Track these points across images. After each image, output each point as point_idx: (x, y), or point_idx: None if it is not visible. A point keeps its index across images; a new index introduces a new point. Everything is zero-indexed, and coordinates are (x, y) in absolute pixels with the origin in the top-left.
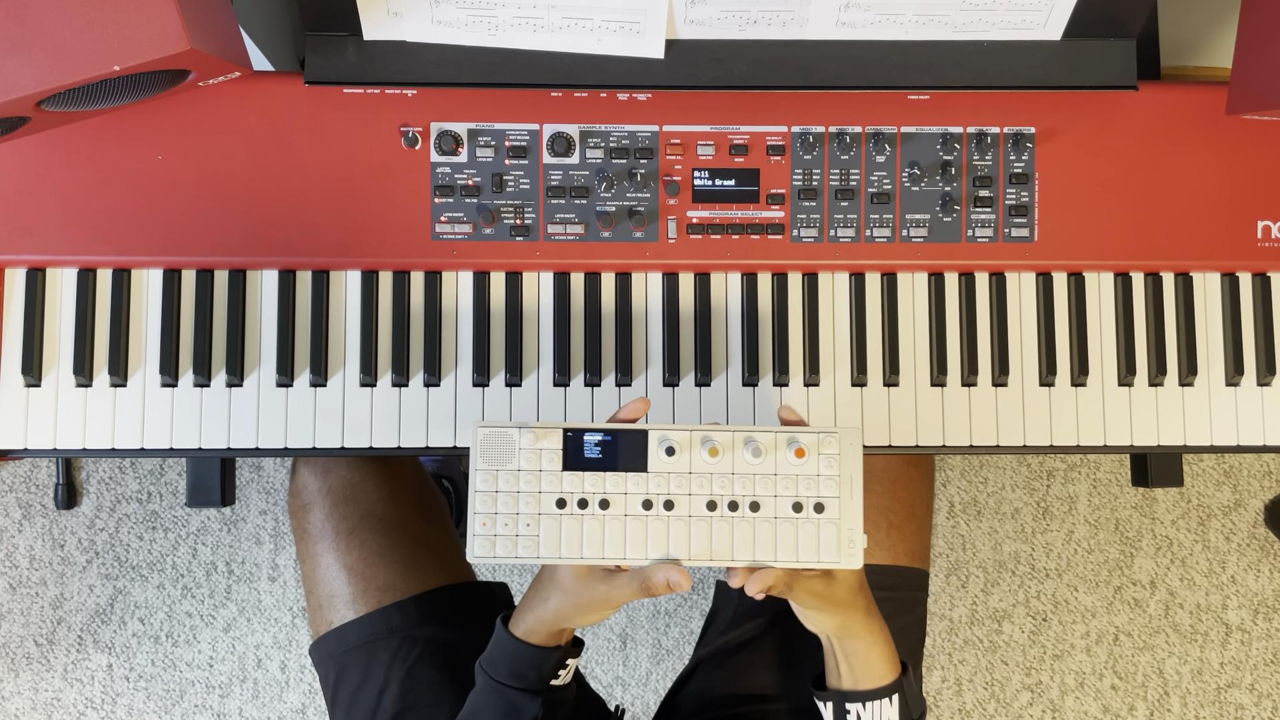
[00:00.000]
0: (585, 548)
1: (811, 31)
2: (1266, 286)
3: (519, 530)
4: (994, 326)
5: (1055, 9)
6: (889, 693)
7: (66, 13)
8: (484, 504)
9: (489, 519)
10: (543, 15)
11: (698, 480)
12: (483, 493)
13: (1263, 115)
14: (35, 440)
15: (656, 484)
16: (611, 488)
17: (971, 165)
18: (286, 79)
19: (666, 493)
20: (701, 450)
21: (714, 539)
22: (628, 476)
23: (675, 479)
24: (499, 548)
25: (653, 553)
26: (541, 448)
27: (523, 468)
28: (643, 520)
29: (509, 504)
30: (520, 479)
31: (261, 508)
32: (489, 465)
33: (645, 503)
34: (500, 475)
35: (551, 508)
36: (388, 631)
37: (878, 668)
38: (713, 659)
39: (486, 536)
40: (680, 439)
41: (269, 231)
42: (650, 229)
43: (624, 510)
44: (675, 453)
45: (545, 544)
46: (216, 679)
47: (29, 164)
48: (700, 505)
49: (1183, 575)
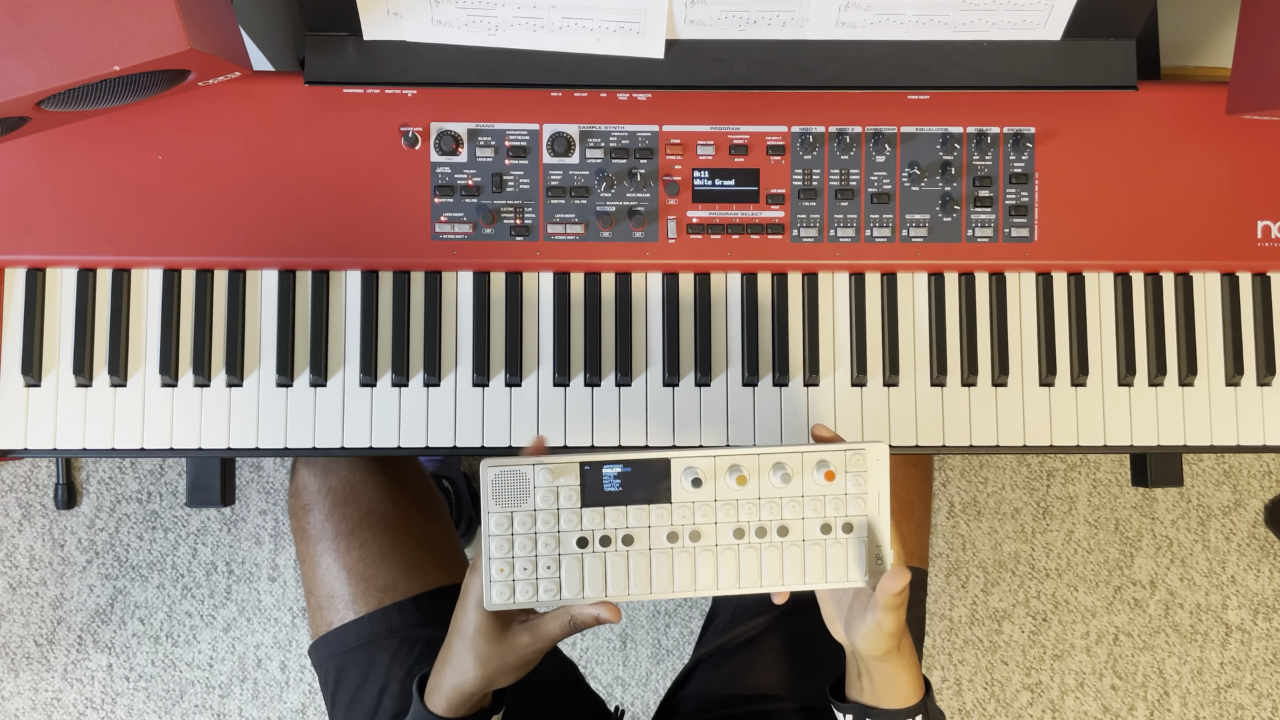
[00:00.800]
0: (610, 586)
1: (811, 31)
2: (1266, 286)
3: (539, 573)
4: (994, 326)
5: (1055, 9)
6: (913, 714)
7: (66, 13)
8: (499, 549)
9: (506, 564)
10: (543, 15)
11: (724, 508)
12: (497, 536)
13: (1263, 115)
14: (35, 440)
15: (681, 515)
16: (634, 522)
17: (971, 165)
18: (286, 79)
19: (692, 523)
20: (728, 478)
21: (742, 568)
22: (650, 509)
23: (701, 508)
24: (519, 593)
25: (680, 587)
26: (558, 485)
27: (539, 507)
28: (668, 553)
29: (526, 546)
30: (538, 519)
31: (261, 508)
32: (503, 507)
33: (670, 535)
34: (516, 516)
35: (572, 547)
36: (388, 632)
37: (904, 689)
38: (713, 658)
39: (505, 582)
40: (705, 467)
41: (269, 231)
42: (650, 229)
43: (648, 544)
44: (701, 483)
45: (567, 586)
46: (216, 679)
47: (29, 164)
48: (727, 534)
49: (1183, 575)
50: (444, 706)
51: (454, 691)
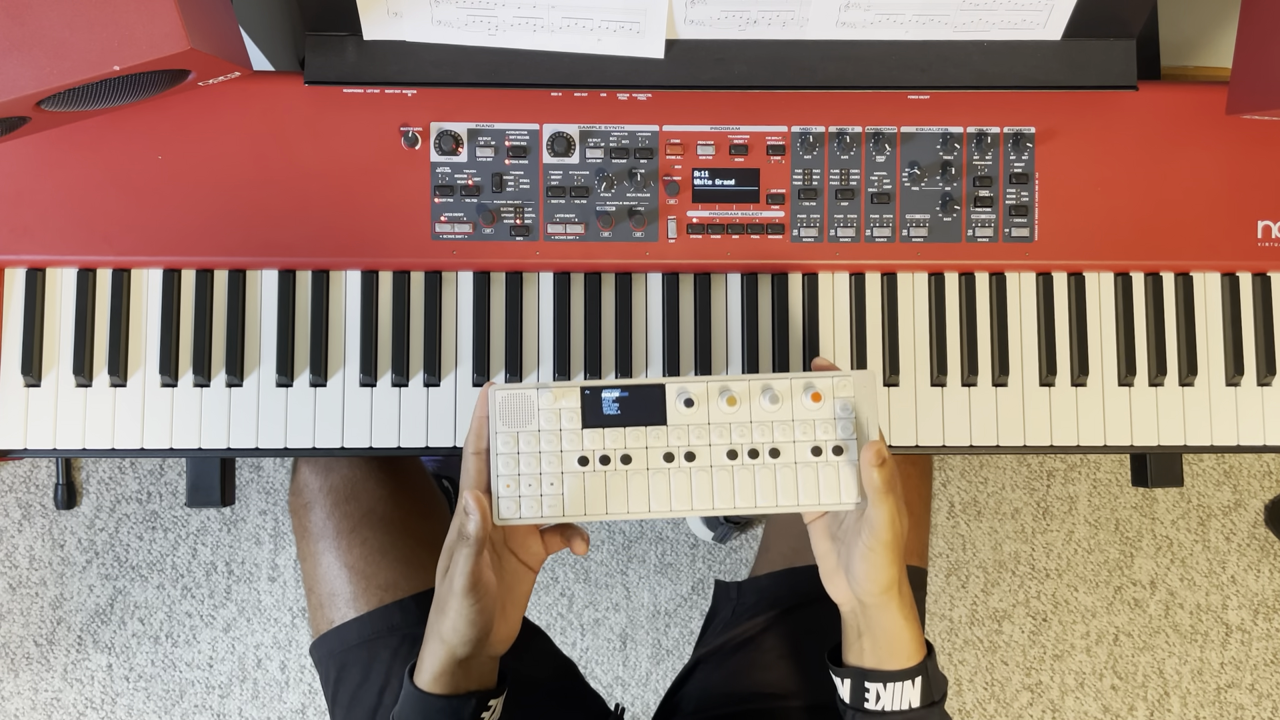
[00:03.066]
0: (610, 503)
1: (811, 31)
2: (1266, 286)
3: (543, 490)
4: (994, 326)
5: (1055, 9)
6: (913, 675)
7: (66, 13)
8: (506, 465)
9: (513, 480)
10: (543, 15)
11: (717, 430)
12: (505, 454)
13: (1263, 115)
14: (35, 440)
15: (676, 436)
16: (632, 443)
17: (971, 165)
18: (286, 79)
19: (687, 444)
20: (720, 400)
21: (736, 488)
22: (648, 430)
23: (695, 430)
24: (524, 508)
25: (677, 505)
26: (560, 407)
27: (543, 428)
28: (665, 473)
29: (531, 464)
30: (541, 439)
31: (261, 508)
32: (509, 427)
33: (667, 455)
34: (521, 436)
35: (574, 466)
36: (389, 630)
37: (905, 648)
38: (713, 658)
39: (511, 498)
40: (698, 390)
41: (269, 231)
42: (650, 229)
43: (646, 464)
44: (694, 404)
45: (570, 502)
46: (216, 679)
47: (29, 164)
48: (721, 455)
49: (1183, 575)
50: (428, 680)
51: (431, 660)
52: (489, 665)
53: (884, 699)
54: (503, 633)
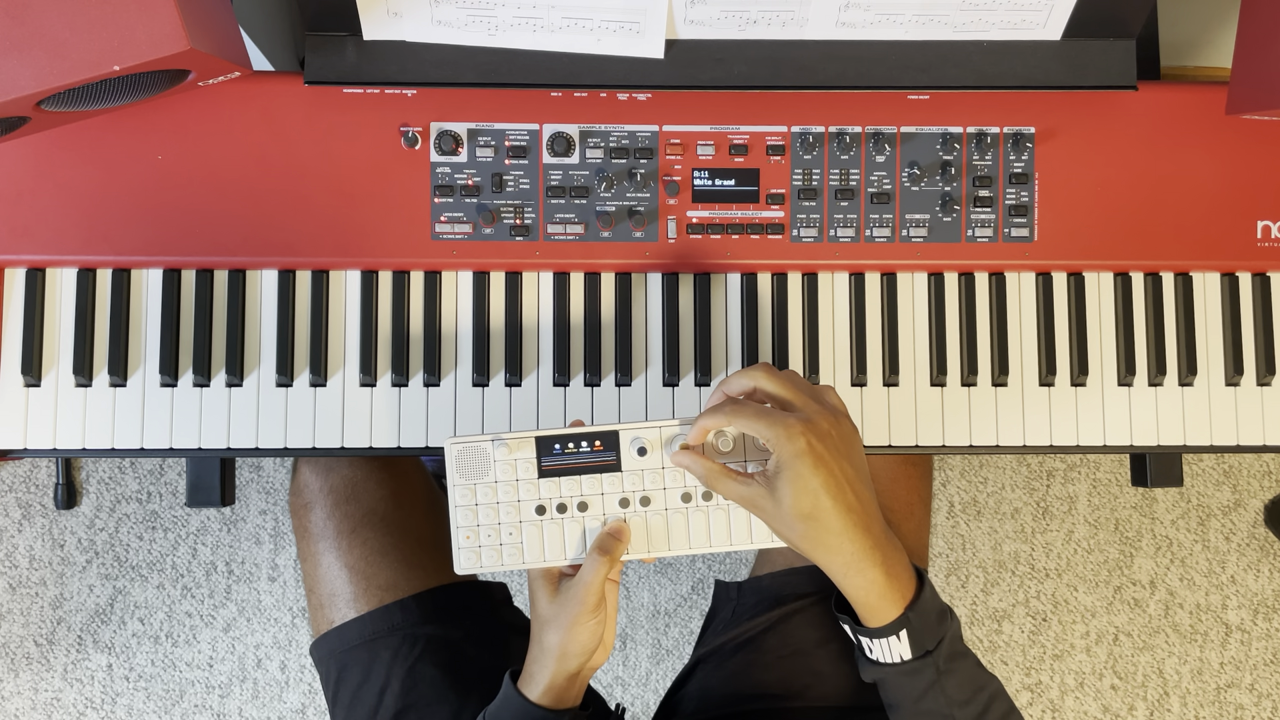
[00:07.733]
0: (568, 550)
1: (811, 31)
2: (1266, 286)
3: (502, 539)
4: (994, 326)
5: (1055, 9)
6: (894, 630)
7: (66, 13)
8: (465, 518)
9: (472, 532)
10: (542, 15)
11: (670, 475)
12: (462, 506)
13: (1263, 115)
14: (35, 440)
15: (631, 482)
16: (588, 490)
17: (971, 165)
18: (286, 79)
19: (642, 489)
20: (675, 446)
21: (690, 529)
22: (603, 478)
23: (649, 475)
24: (484, 559)
25: (635, 549)
26: (516, 458)
27: (499, 479)
28: (622, 519)
29: (489, 515)
30: (498, 490)
31: (261, 508)
32: (466, 479)
33: (622, 501)
34: (478, 488)
35: (531, 515)
36: (389, 630)
37: (877, 609)
38: (713, 658)
39: (471, 549)
40: (651, 437)
41: (269, 231)
42: (650, 229)
43: (602, 511)
44: (647, 452)
45: (529, 550)
46: (216, 679)
47: (29, 164)
48: (675, 498)
49: (1183, 575)
50: (535, 691)
51: (540, 671)
52: (584, 681)
53: (876, 652)
54: (608, 642)
